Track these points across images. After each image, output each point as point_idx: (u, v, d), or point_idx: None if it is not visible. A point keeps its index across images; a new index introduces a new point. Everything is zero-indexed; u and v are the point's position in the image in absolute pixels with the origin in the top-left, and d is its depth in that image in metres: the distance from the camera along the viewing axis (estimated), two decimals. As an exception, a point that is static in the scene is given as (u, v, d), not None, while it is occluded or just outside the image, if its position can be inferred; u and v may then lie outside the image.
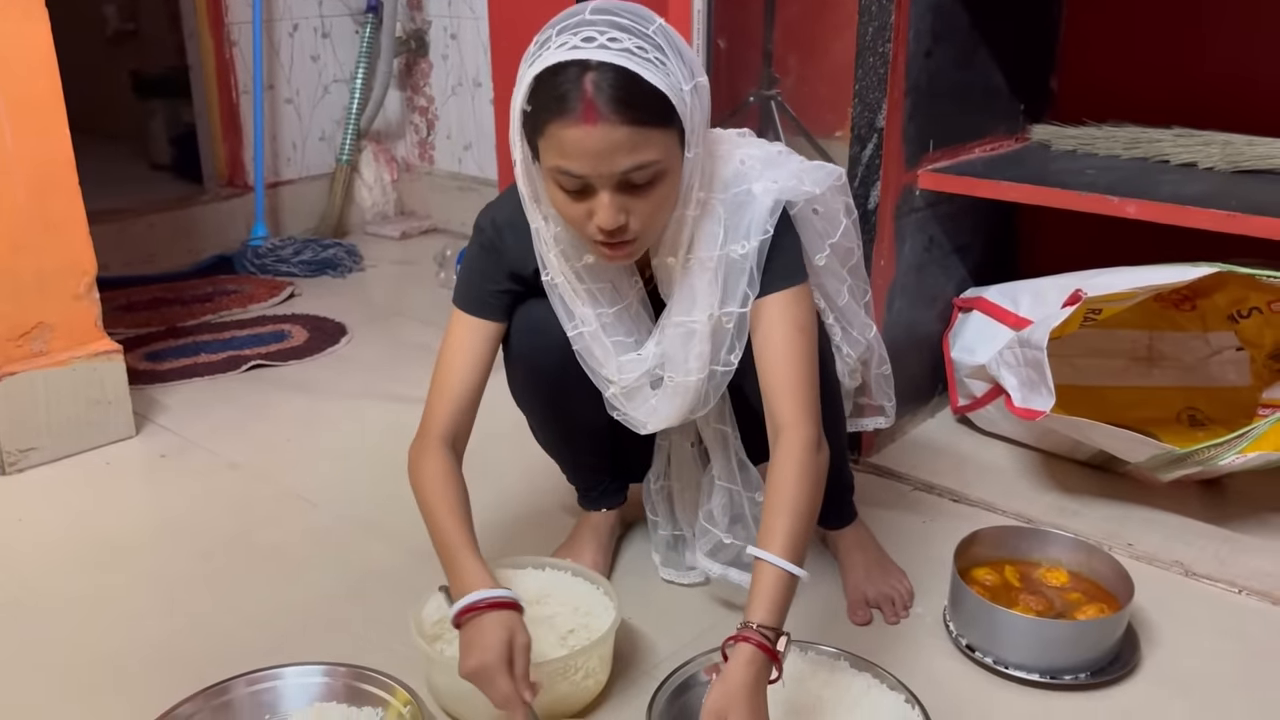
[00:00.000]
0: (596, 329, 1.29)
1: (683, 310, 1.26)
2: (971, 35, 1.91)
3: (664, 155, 1.11)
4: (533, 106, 1.11)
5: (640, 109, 1.07)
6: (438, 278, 2.89)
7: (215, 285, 2.85)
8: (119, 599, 1.54)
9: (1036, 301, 1.81)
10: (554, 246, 1.24)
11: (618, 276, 1.29)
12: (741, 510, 1.41)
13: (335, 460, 1.95)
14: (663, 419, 1.33)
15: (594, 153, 1.08)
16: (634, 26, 1.09)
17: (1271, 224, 1.54)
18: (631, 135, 1.08)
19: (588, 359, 1.32)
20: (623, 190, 1.11)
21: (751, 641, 1.08)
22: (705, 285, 1.23)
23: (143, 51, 3.96)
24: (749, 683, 1.07)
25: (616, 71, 1.06)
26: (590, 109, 1.06)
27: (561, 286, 1.28)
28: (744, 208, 1.23)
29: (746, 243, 1.22)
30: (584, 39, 1.07)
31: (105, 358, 1.96)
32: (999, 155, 2.01)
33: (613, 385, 1.32)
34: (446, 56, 3.26)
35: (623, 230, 1.13)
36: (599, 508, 1.58)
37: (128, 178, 3.51)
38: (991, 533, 1.51)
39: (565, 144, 1.09)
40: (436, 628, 1.32)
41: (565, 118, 1.07)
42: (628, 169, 1.09)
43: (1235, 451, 1.56)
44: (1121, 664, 1.35)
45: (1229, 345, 1.95)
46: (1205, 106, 1.93)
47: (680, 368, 1.27)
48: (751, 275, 1.23)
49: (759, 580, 1.13)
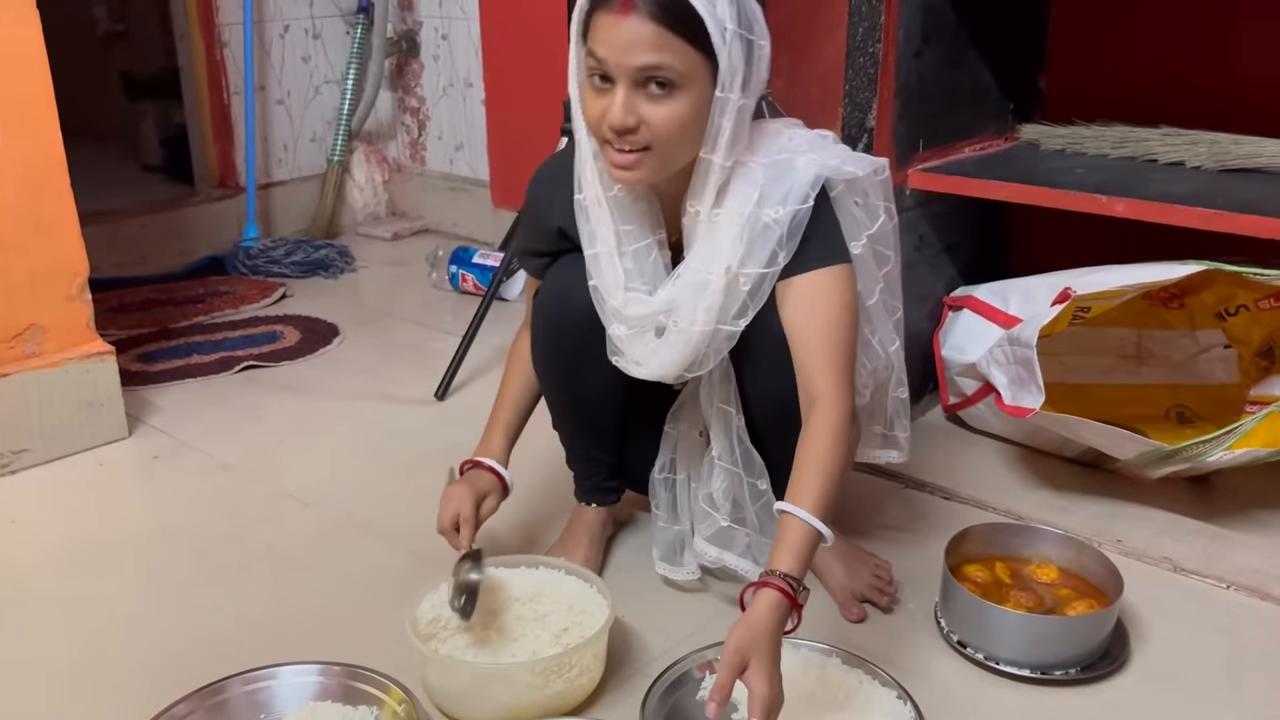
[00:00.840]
0: (613, 250, 1.30)
1: (701, 260, 1.27)
2: (961, 36, 1.92)
3: (685, 69, 1.14)
4: (588, 4, 1.17)
5: (671, 14, 1.12)
6: (429, 278, 2.90)
7: (207, 286, 2.85)
8: (113, 600, 1.54)
9: (1026, 300, 1.82)
10: (592, 161, 1.27)
11: (642, 220, 1.30)
12: (742, 495, 1.41)
13: (328, 460, 1.95)
14: (659, 365, 1.32)
15: (619, 43, 1.13)
16: None
17: (1257, 222, 1.55)
18: (657, 35, 1.12)
19: (598, 282, 1.33)
20: (638, 91, 1.16)
21: (776, 588, 1.10)
22: (729, 240, 1.24)
23: (133, 53, 3.96)
24: (771, 627, 1.09)
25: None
26: (628, 2, 1.12)
27: (591, 207, 1.30)
28: (784, 177, 1.24)
29: (781, 208, 1.23)
30: None
31: (98, 359, 1.96)
32: (988, 155, 2.02)
33: (618, 322, 1.32)
34: (438, 57, 3.27)
35: (632, 132, 1.17)
36: (591, 501, 1.58)
37: (118, 179, 3.50)
38: (982, 530, 1.52)
39: (599, 31, 1.15)
40: (431, 627, 1.33)
41: (607, 7, 1.14)
42: (645, 65, 1.13)
43: (1223, 448, 1.58)
44: (1111, 659, 1.37)
45: (1217, 343, 1.97)
46: (1192, 105, 1.94)
47: (687, 315, 1.27)
48: (780, 241, 1.24)
49: (786, 533, 1.15)
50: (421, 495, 1.80)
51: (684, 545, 1.51)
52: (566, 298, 1.38)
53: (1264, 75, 1.94)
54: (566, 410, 1.52)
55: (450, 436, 2.02)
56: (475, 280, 2.78)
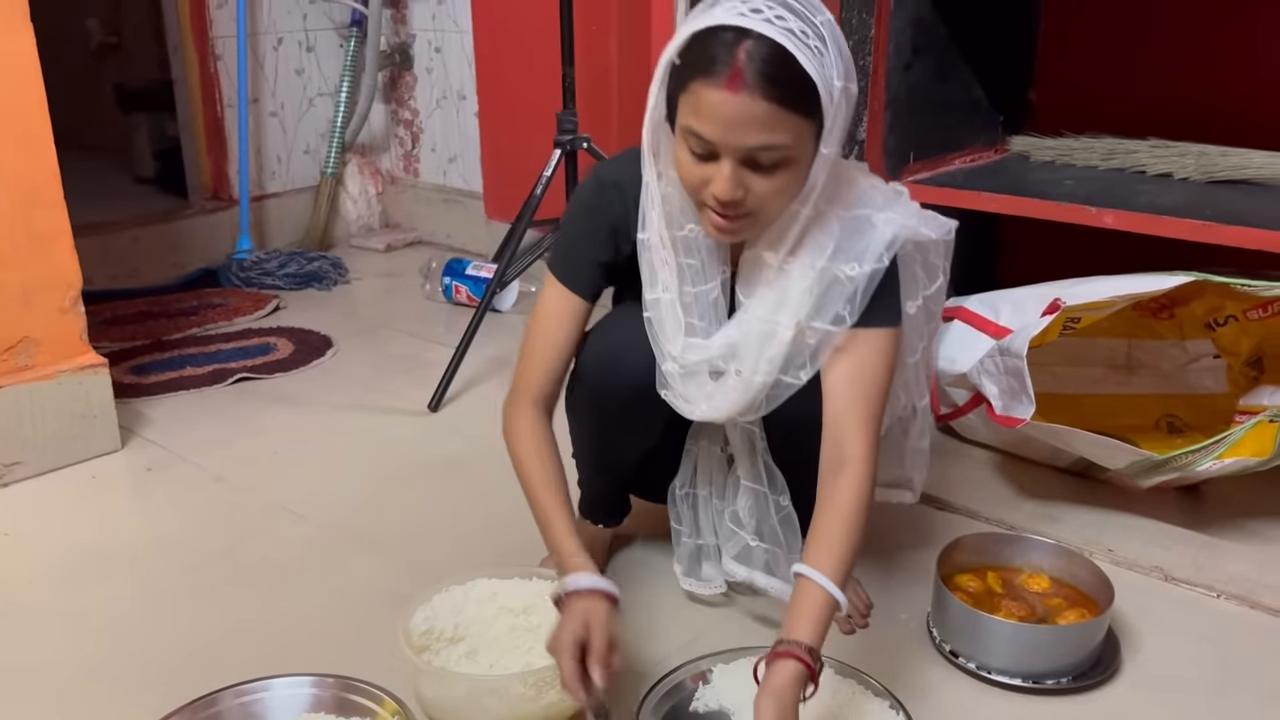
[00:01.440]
0: (675, 299, 1.26)
1: (768, 309, 1.24)
2: (951, 49, 1.94)
3: (796, 142, 1.10)
4: (682, 61, 1.10)
5: (785, 89, 1.06)
6: (423, 290, 2.90)
7: (200, 298, 2.85)
8: (106, 613, 1.54)
9: (1016, 311, 1.83)
10: (659, 205, 1.23)
11: (709, 257, 1.26)
12: (767, 513, 1.41)
13: (322, 472, 1.95)
14: (714, 409, 1.29)
15: (728, 121, 1.07)
16: (803, 11, 1.08)
17: (1245, 233, 1.57)
18: (770, 113, 1.07)
19: (657, 328, 1.29)
20: (746, 165, 1.11)
21: (798, 660, 1.10)
22: (800, 291, 1.22)
23: (126, 65, 3.96)
24: (794, 701, 1.09)
25: (773, 47, 1.05)
26: (737, 76, 1.06)
27: (655, 247, 1.26)
28: (861, 233, 1.22)
29: (858, 266, 1.21)
30: (752, 9, 1.06)
31: (91, 371, 1.96)
32: (979, 166, 2.03)
33: (672, 361, 1.29)
34: (431, 70, 3.28)
35: (738, 204, 1.13)
36: (598, 522, 1.58)
37: (111, 192, 3.50)
38: (974, 539, 1.53)
39: (703, 105, 1.08)
40: (424, 638, 1.33)
41: (710, 79, 1.07)
42: (756, 146, 1.09)
43: (1212, 457, 1.59)
44: (1102, 668, 1.37)
45: (1206, 353, 1.98)
46: (1180, 118, 1.96)
47: (750, 365, 1.25)
48: (853, 300, 1.21)
49: (804, 598, 1.14)
50: (416, 506, 1.81)
51: (705, 559, 1.50)
52: (621, 360, 1.33)
53: (1251, 88, 1.96)
54: (595, 455, 1.50)
55: (444, 448, 2.03)
56: (469, 292, 2.79)
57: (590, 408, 1.40)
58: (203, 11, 3.04)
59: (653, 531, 1.66)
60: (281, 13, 3.20)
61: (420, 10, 3.24)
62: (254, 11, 3.14)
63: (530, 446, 1.31)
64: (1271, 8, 1.91)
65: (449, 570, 1.41)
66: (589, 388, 1.37)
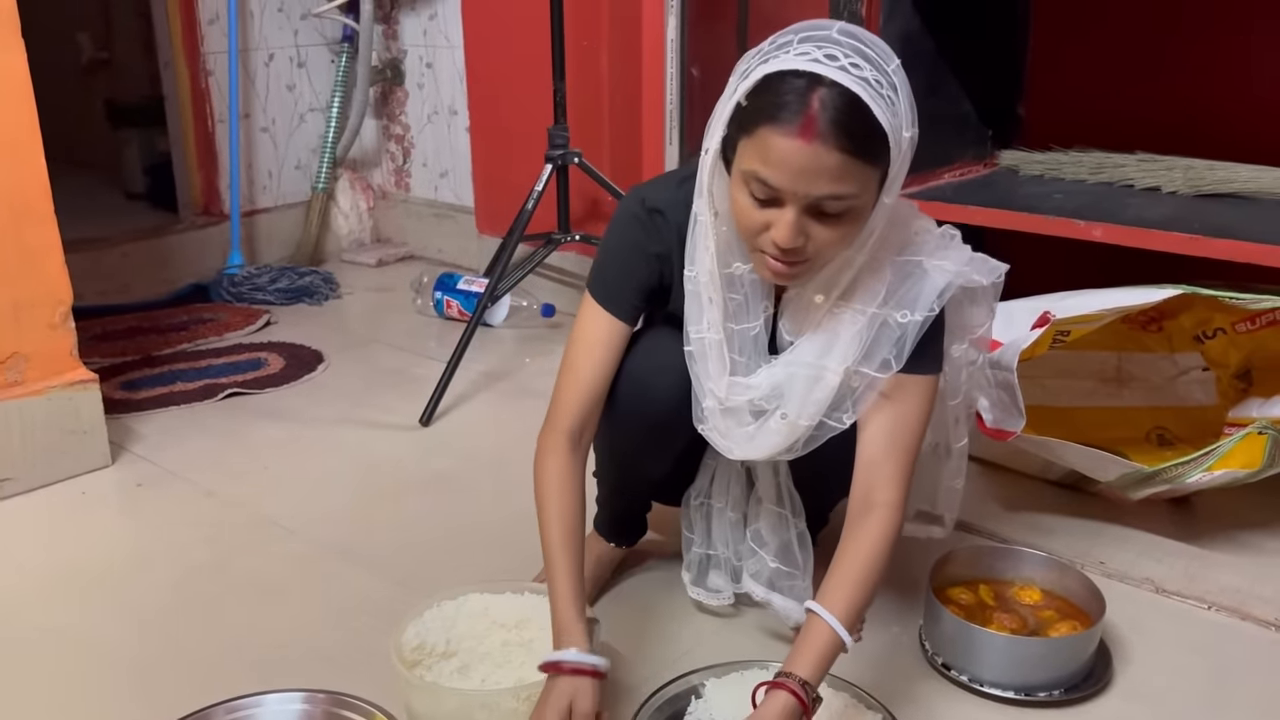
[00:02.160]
0: (720, 338, 1.24)
1: (815, 353, 1.22)
2: (940, 64, 1.95)
3: (862, 191, 1.08)
4: (750, 104, 1.08)
5: (858, 140, 1.04)
6: (414, 304, 2.90)
7: (191, 314, 2.85)
8: (95, 629, 1.53)
9: (1006, 324, 1.83)
10: (711, 242, 1.20)
11: (753, 294, 1.24)
12: (788, 535, 1.41)
13: (312, 487, 1.95)
14: (755, 450, 1.28)
15: (798, 169, 1.05)
16: (877, 59, 1.06)
17: (1232, 246, 1.58)
18: (841, 163, 1.05)
19: (699, 365, 1.27)
20: (810, 213, 1.09)
21: (792, 693, 1.09)
22: (850, 336, 1.21)
23: (117, 81, 3.96)
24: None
25: (849, 97, 1.03)
26: (810, 125, 1.03)
27: (703, 285, 1.23)
28: (912, 278, 1.21)
29: (909, 314, 1.20)
30: (827, 55, 1.04)
31: (81, 387, 1.95)
32: (968, 180, 2.04)
33: (713, 398, 1.27)
34: (422, 85, 3.29)
35: (799, 251, 1.11)
36: (612, 541, 1.58)
37: (101, 207, 3.50)
38: (966, 552, 1.53)
39: (771, 151, 1.06)
40: (415, 653, 1.32)
41: (782, 125, 1.04)
42: (824, 195, 1.07)
43: (1202, 469, 1.59)
44: (1094, 680, 1.37)
45: (1195, 366, 1.99)
46: (1167, 132, 1.98)
47: (795, 408, 1.23)
48: (900, 346, 1.21)
49: (810, 636, 1.14)
50: (406, 521, 1.81)
51: (713, 569, 1.50)
52: (648, 387, 1.32)
53: (1237, 102, 1.97)
54: (617, 476, 1.49)
55: (435, 463, 2.02)
56: (460, 306, 2.79)
57: (616, 432, 1.38)
58: (194, 27, 3.05)
59: (660, 544, 1.66)
60: (273, 29, 3.21)
61: (411, 26, 3.26)
62: (245, 27, 3.14)
63: (554, 492, 1.27)
64: (1258, 22, 1.93)
65: (441, 585, 1.41)
66: (617, 412, 1.35)
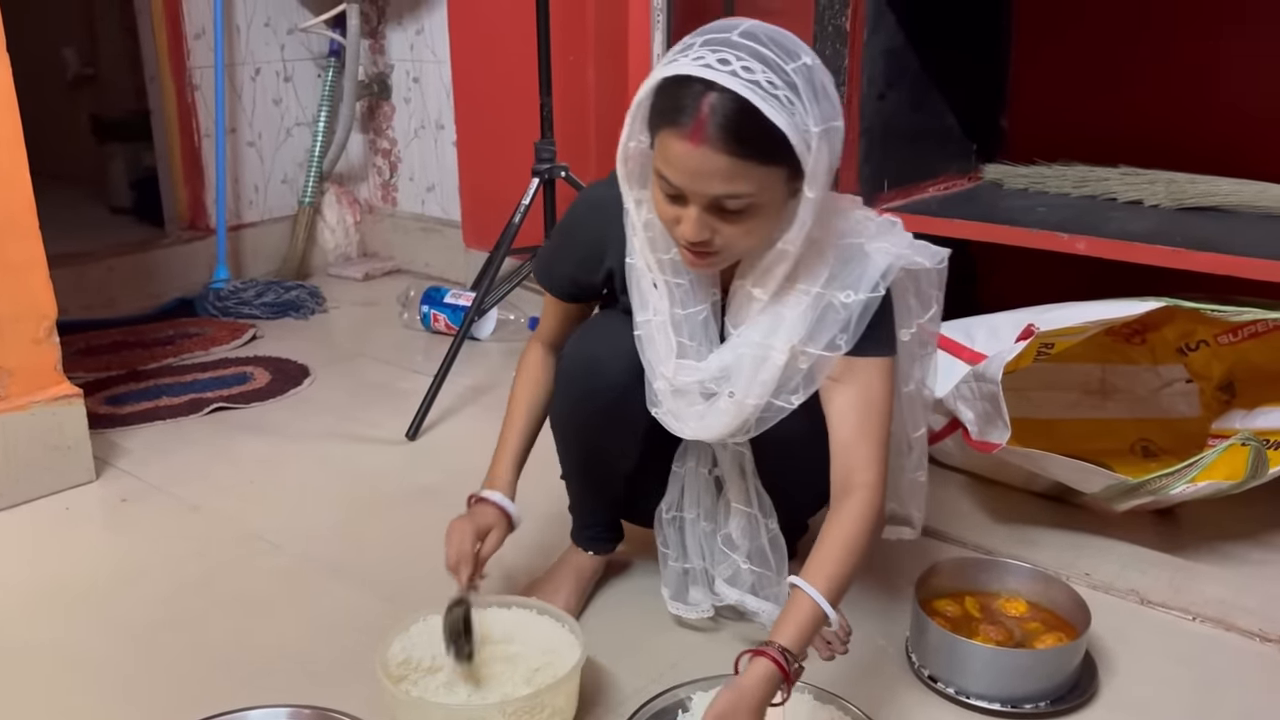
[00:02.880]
0: (665, 320, 1.29)
1: (762, 333, 1.25)
2: (923, 79, 1.97)
3: (760, 190, 1.12)
4: (653, 106, 1.14)
5: (747, 144, 1.08)
6: (401, 319, 2.90)
7: (176, 328, 2.84)
8: (80, 645, 1.52)
9: (991, 337, 1.84)
10: (641, 231, 1.27)
11: (698, 280, 1.28)
12: (759, 536, 1.41)
13: (298, 502, 1.94)
14: (705, 429, 1.31)
15: (692, 171, 1.11)
16: (775, 60, 1.08)
17: (1214, 259, 1.59)
18: (731, 165, 1.09)
19: (648, 349, 1.31)
20: (713, 210, 1.13)
21: (773, 660, 1.11)
22: (795, 316, 1.24)
23: (102, 95, 3.96)
24: (760, 698, 1.10)
25: (737, 102, 1.07)
26: (698, 130, 1.08)
27: (642, 272, 1.29)
28: (856, 261, 1.24)
29: (853, 294, 1.22)
30: (720, 60, 1.08)
31: (65, 402, 1.95)
32: (953, 194, 2.05)
33: (663, 380, 1.31)
34: (409, 100, 3.29)
35: (707, 244, 1.16)
36: (588, 549, 1.58)
37: (87, 221, 3.49)
38: (951, 564, 1.53)
39: (669, 153, 1.12)
40: (401, 669, 1.32)
41: (675, 129, 1.10)
42: (719, 195, 1.11)
43: (1186, 480, 1.60)
44: (1080, 692, 1.37)
45: (1179, 377, 2.00)
46: (1150, 145, 1.99)
47: (743, 388, 1.26)
48: (847, 327, 1.23)
49: (794, 608, 1.16)
50: (393, 536, 1.80)
51: (692, 583, 1.50)
52: (591, 368, 1.36)
53: (1218, 116, 1.99)
54: (580, 472, 1.51)
55: (422, 477, 2.02)
56: (447, 320, 2.78)
57: (572, 414, 1.42)
58: (180, 42, 3.05)
59: (643, 555, 1.66)
60: (259, 43, 3.21)
61: (398, 41, 3.26)
62: (232, 42, 3.15)
63: (519, 383, 1.46)
64: (1237, 41, 1.95)
65: (426, 600, 1.41)
66: (569, 393, 1.40)
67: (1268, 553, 1.70)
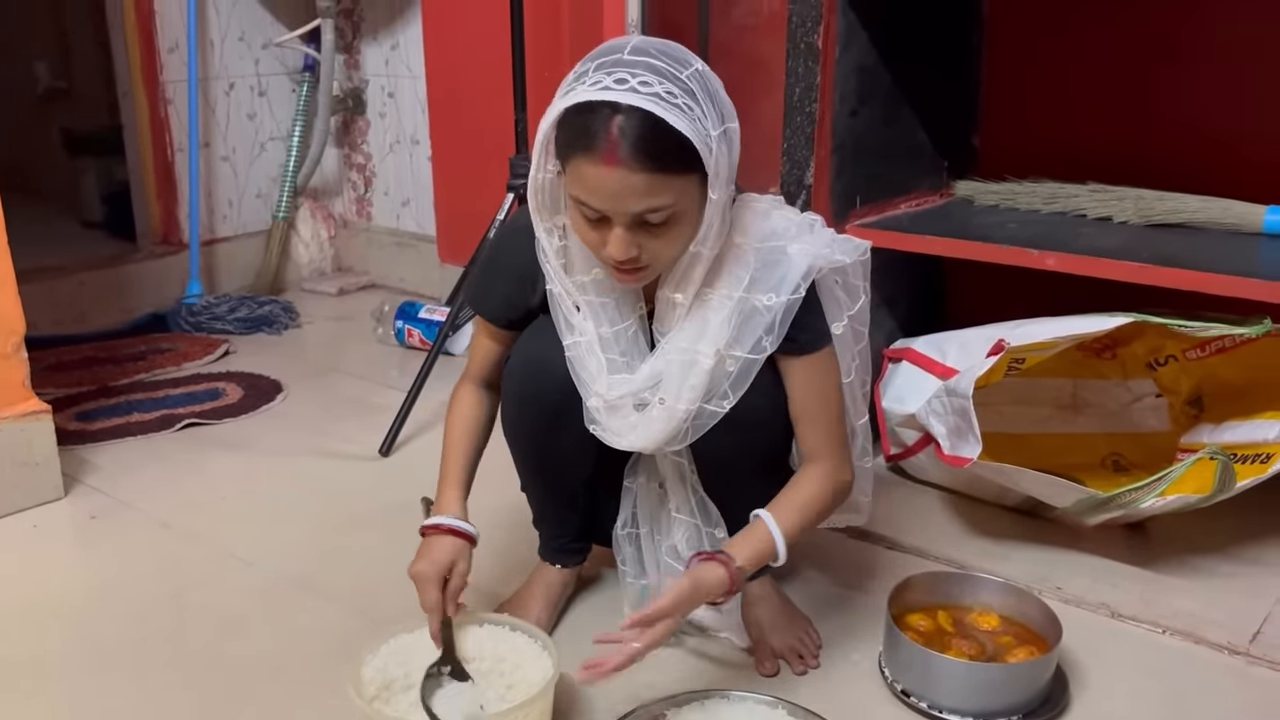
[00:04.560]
0: (593, 340, 1.31)
1: (689, 339, 1.27)
2: (895, 95, 1.98)
3: (679, 199, 1.15)
4: (559, 136, 1.16)
5: (660, 157, 1.11)
6: (375, 333, 2.89)
7: (148, 344, 2.82)
8: (49, 665, 1.50)
9: (963, 352, 1.85)
10: (554, 260, 1.29)
11: (623, 296, 1.31)
12: (702, 545, 1.42)
13: (270, 518, 1.93)
14: (640, 438, 1.32)
15: (611, 193, 1.13)
16: (668, 70, 1.12)
17: (1181, 275, 1.61)
18: (649, 181, 1.12)
19: (579, 370, 1.33)
20: (637, 227, 1.16)
21: (726, 568, 1.23)
22: (719, 321, 1.26)
23: (75, 109, 3.93)
24: (707, 595, 1.23)
25: (642, 117, 1.10)
26: (612, 152, 1.11)
27: (560, 297, 1.31)
28: (777, 264, 1.27)
29: (775, 296, 1.26)
30: (617, 80, 1.11)
31: (33, 418, 1.93)
32: (924, 210, 2.07)
33: (596, 398, 1.33)
34: (384, 115, 3.29)
35: (634, 260, 1.18)
36: (555, 563, 1.57)
37: (58, 236, 3.46)
38: (924, 579, 1.54)
39: (586, 179, 1.14)
40: (373, 687, 1.31)
41: (588, 155, 1.12)
42: (642, 210, 1.14)
43: (1155, 494, 1.61)
44: (1052, 705, 1.38)
45: (1149, 392, 2.02)
46: (1119, 162, 2.01)
47: (673, 394, 1.28)
48: (772, 329, 1.26)
49: (754, 535, 1.27)
50: (366, 553, 1.79)
51: (652, 599, 1.49)
52: (538, 369, 1.37)
53: (1185, 135, 2.01)
54: (537, 477, 1.52)
55: (395, 493, 2.00)
56: (421, 335, 2.78)
57: (520, 415, 1.43)
58: (153, 56, 3.04)
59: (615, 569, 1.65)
60: (234, 58, 3.21)
61: (373, 55, 3.26)
62: (205, 56, 3.14)
63: (456, 418, 1.45)
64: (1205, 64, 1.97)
65: (399, 618, 1.40)
66: (518, 393, 1.41)
67: (1236, 566, 1.72)
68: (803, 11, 1.78)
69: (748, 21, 2.18)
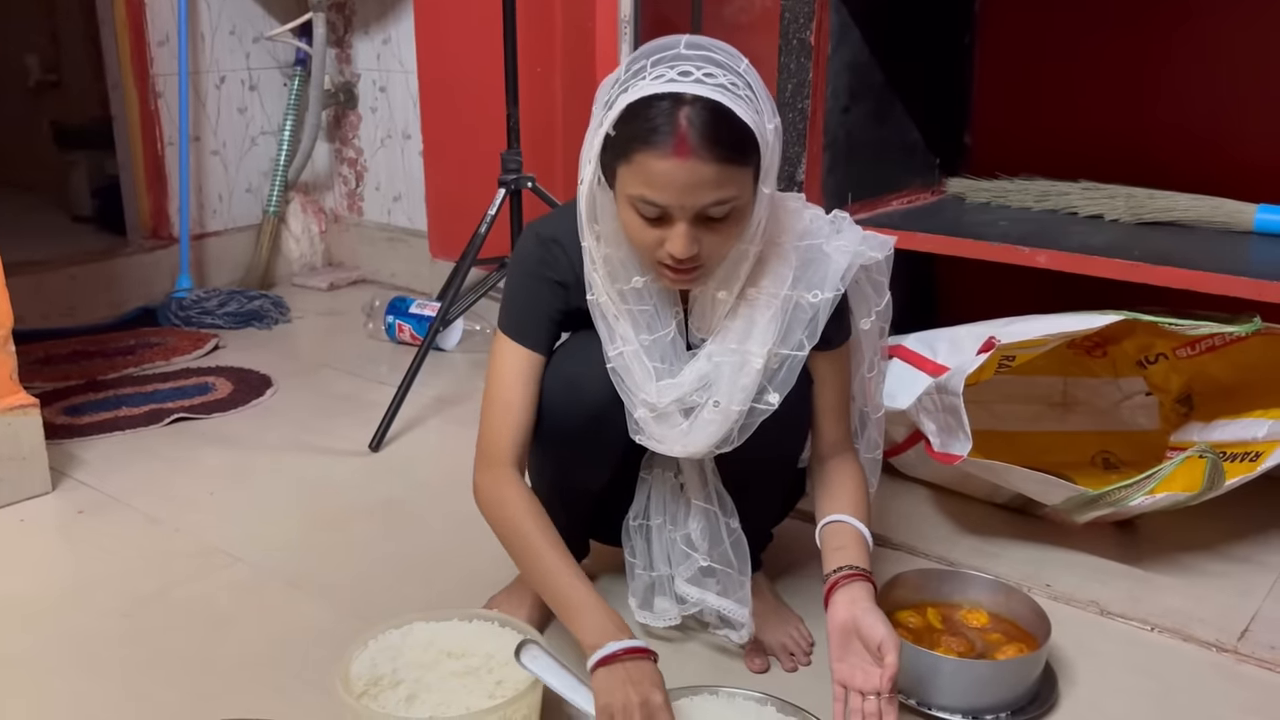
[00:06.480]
0: (638, 349, 1.29)
1: (737, 339, 1.27)
2: (888, 93, 1.98)
3: (742, 191, 1.15)
4: (619, 133, 1.13)
5: (730, 146, 1.11)
6: (366, 329, 2.88)
7: (138, 338, 2.81)
8: (36, 660, 1.50)
9: (953, 349, 1.85)
10: (601, 267, 1.26)
11: (661, 303, 1.29)
12: (719, 536, 1.41)
13: (259, 514, 1.92)
14: (693, 443, 1.30)
15: (681, 186, 1.11)
16: (727, 63, 1.13)
17: (1171, 273, 1.61)
18: (719, 172, 1.11)
19: (625, 378, 1.30)
20: (699, 222, 1.15)
21: (869, 581, 1.27)
22: (767, 320, 1.26)
23: (65, 102, 3.92)
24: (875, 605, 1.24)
25: (712, 107, 1.09)
26: (683, 143, 1.09)
27: (605, 306, 1.29)
28: (818, 262, 1.28)
29: (819, 293, 1.27)
30: (680, 72, 1.10)
31: (20, 412, 1.92)
32: (916, 207, 2.07)
33: (644, 408, 1.30)
34: (375, 109, 3.28)
35: (694, 259, 1.17)
36: None
37: (48, 229, 3.45)
38: (913, 576, 1.54)
39: (652, 174, 1.11)
40: (362, 683, 1.31)
41: (656, 149, 1.10)
42: (709, 203, 1.13)
43: (1144, 492, 1.62)
44: (1041, 702, 1.38)
45: (1139, 390, 2.02)
46: (1110, 160, 2.02)
47: (726, 394, 1.27)
48: (814, 325, 1.27)
49: (849, 538, 1.31)
50: (355, 549, 1.79)
51: (659, 593, 1.49)
52: (578, 381, 1.34)
53: (1178, 133, 2.02)
54: (552, 487, 1.48)
55: (385, 489, 2.01)
56: (412, 330, 2.77)
57: (550, 437, 1.39)
58: (143, 49, 3.02)
59: (609, 571, 1.65)
60: (225, 51, 3.19)
61: (365, 50, 3.25)
62: (196, 50, 3.12)
63: (527, 514, 1.30)
64: (1197, 65, 1.98)
65: (388, 613, 1.40)
66: (548, 417, 1.37)
67: (1224, 564, 1.72)
68: (795, 8, 1.78)
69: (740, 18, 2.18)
